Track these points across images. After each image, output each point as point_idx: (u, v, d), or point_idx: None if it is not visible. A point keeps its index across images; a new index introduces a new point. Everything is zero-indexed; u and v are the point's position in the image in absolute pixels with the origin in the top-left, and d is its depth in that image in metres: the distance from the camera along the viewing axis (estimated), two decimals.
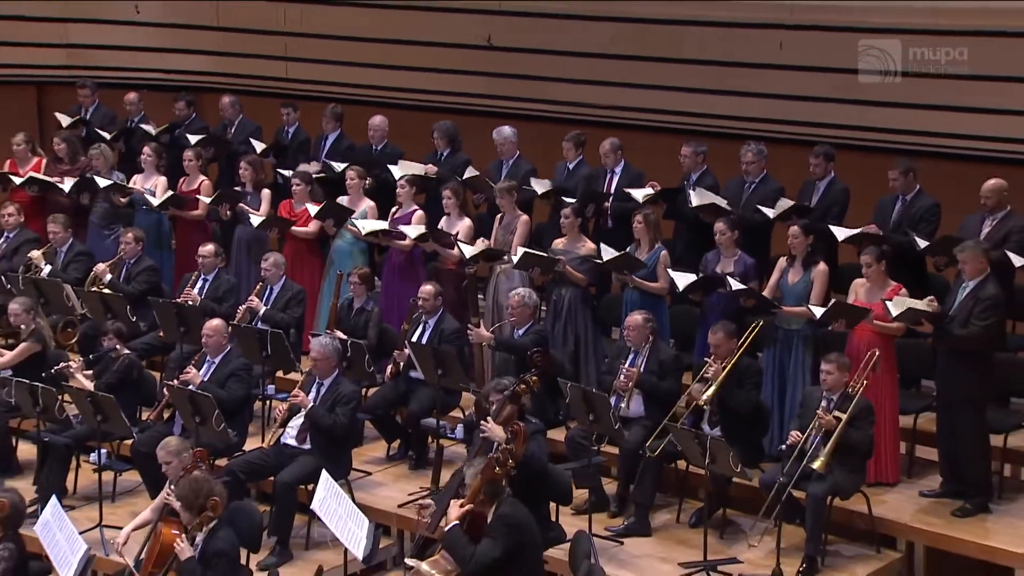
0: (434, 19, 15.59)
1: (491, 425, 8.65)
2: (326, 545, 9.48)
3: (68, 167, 13.89)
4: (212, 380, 10.36)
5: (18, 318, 11.32)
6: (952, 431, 9.69)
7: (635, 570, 9.27)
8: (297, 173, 12.74)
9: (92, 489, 10.44)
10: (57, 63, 17.18)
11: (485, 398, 9.21)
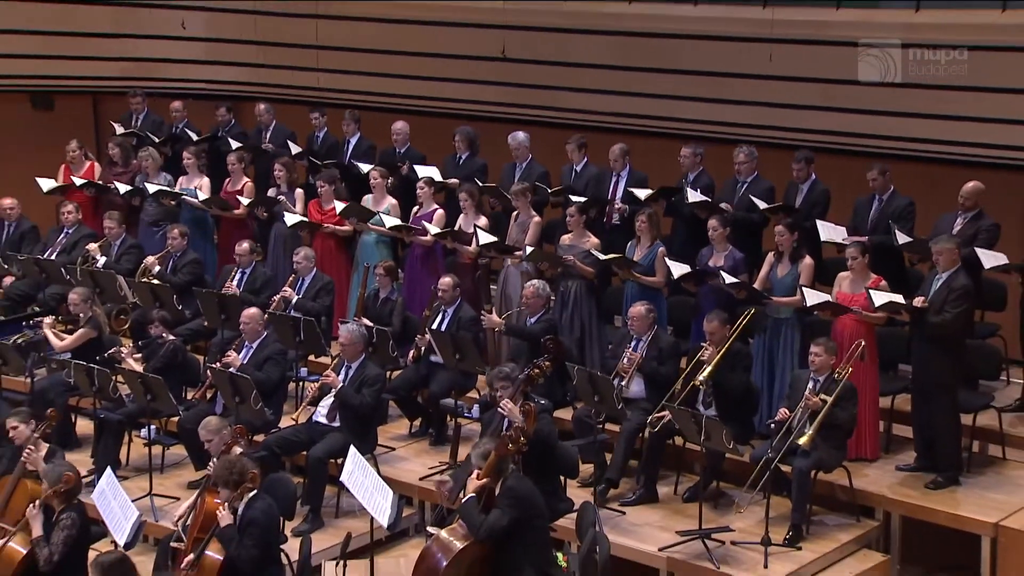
0: (453, 33, 15.58)
1: (509, 405, 8.63)
2: (354, 514, 9.49)
3: (122, 169, 13.93)
4: (250, 363, 10.41)
5: (77, 307, 11.40)
6: (926, 411, 9.73)
7: (636, 538, 9.28)
8: (321, 175, 12.73)
9: (143, 461, 10.48)
10: (111, 75, 17.16)
11: (489, 385, 9.21)
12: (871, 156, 12.09)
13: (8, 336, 11.86)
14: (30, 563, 8.12)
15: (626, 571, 9.08)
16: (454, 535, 7.27)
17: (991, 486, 9.72)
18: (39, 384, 11.13)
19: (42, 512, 8.19)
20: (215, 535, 8.03)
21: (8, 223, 13.62)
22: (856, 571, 9.19)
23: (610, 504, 9.62)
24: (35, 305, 12.59)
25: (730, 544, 9.11)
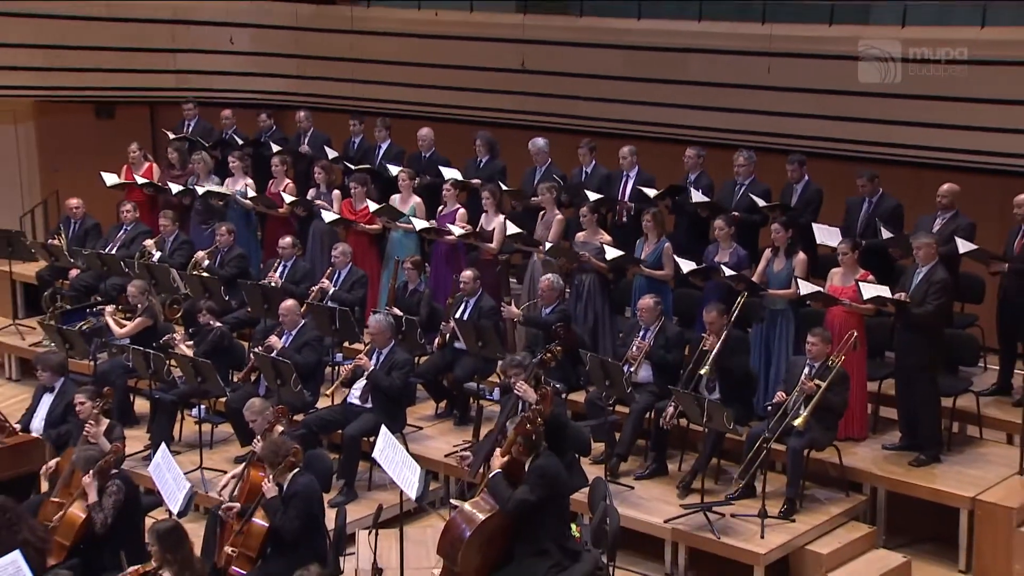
0: (476, 47, 15.59)
1: (525, 388, 8.61)
2: (385, 487, 9.47)
3: (179, 172, 13.95)
4: (290, 348, 10.42)
5: (135, 297, 11.45)
6: (910, 394, 9.69)
7: (643, 510, 9.26)
8: (353, 177, 12.71)
9: (193, 438, 10.51)
10: (166, 86, 17.25)
11: (503, 372, 9.19)
12: (862, 160, 12.09)
13: (74, 323, 11.91)
14: (89, 526, 8.15)
15: (634, 541, 9.08)
16: (477, 507, 7.24)
17: (969, 463, 9.68)
18: (101, 367, 11.18)
19: (96, 480, 8.21)
20: (261, 505, 8.04)
21: (74, 221, 13.66)
22: (845, 541, 9.15)
23: (620, 480, 9.59)
24: (98, 295, 12.62)
25: (730, 516, 9.08)
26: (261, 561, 8.02)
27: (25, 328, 13.42)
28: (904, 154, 12.66)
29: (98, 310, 12.06)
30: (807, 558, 9.01)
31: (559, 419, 8.13)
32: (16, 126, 17.52)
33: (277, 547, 7.98)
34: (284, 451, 8.09)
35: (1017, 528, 9.00)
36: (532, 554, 7.16)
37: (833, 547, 9.07)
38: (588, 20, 15.17)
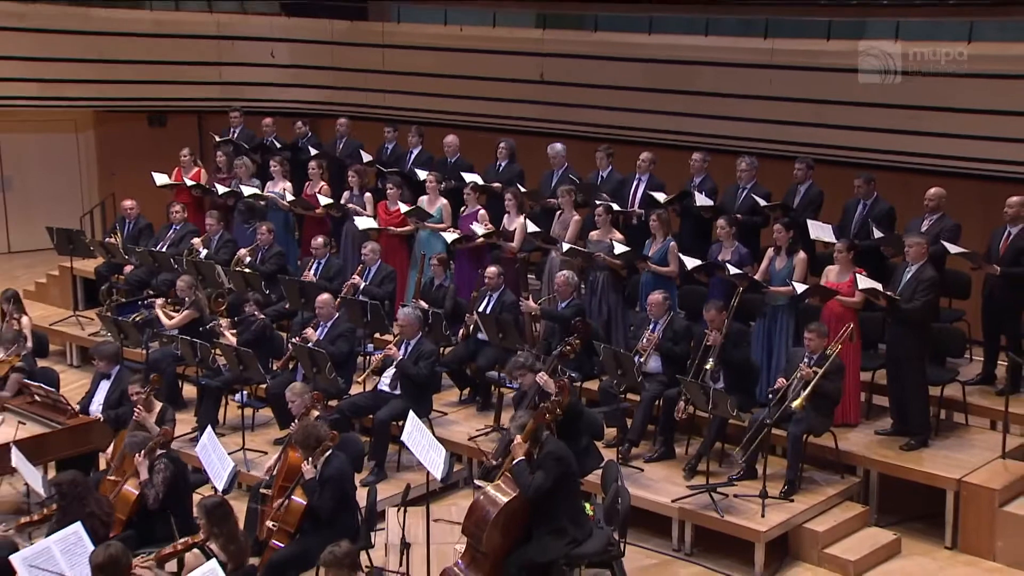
0: (498, 59, 15.62)
1: (546, 379, 8.56)
2: (412, 468, 9.43)
3: (225, 175, 13.97)
4: (325, 339, 10.40)
5: (183, 291, 11.48)
6: (900, 384, 9.65)
7: (652, 491, 9.23)
8: (390, 181, 12.68)
9: (237, 421, 10.51)
10: (212, 96, 17.33)
11: (508, 375, 9.16)
12: (856, 166, 12.04)
13: (128, 315, 11.93)
14: (142, 502, 8.20)
15: (644, 519, 9.05)
16: (499, 490, 7.21)
17: (955, 448, 9.62)
18: (153, 355, 11.23)
19: (147, 460, 8.24)
20: (300, 485, 8.04)
21: (128, 221, 13.68)
22: (840, 520, 9.12)
23: (631, 462, 9.55)
24: (149, 289, 12.65)
25: (733, 497, 9.04)
26: (299, 535, 8.01)
27: (84, 319, 13.49)
28: (895, 160, 12.65)
29: (150, 303, 12.07)
30: (804, 535, 8.99)
31: (575, 407, 8.11)
32: (77, 134, 17.69)
33: (313, 523, 7.98)
34: (316, 436, 8.07)
35: (999, 508, 8.97)
36: (549, 532, 7.14)
37: (829, 525, 9.04)
38: (602, 35, 15.19)
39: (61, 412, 9.65)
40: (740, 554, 8.85)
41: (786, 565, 8.93)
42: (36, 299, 14.35)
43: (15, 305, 11.63)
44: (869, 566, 8.90)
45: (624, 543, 7.77)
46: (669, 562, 9.02)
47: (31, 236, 16.28)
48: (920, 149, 12.56)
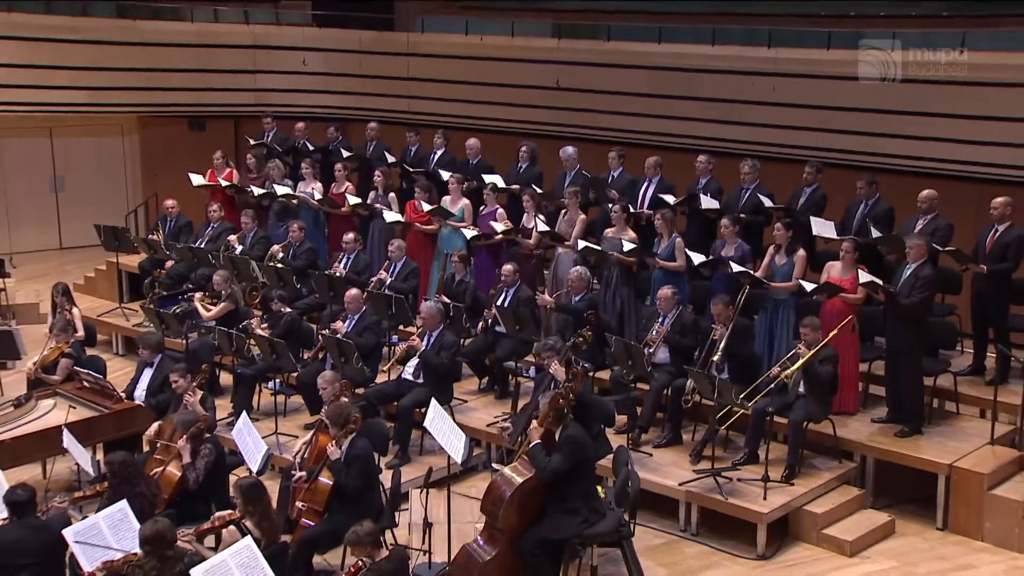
0: (516, 67, 15.65)
1: (557, 368, 8.55)
2: (434, 452, 9.41)
3: (255, 175, 13.98)
4: (352, 331, 10.39)
5: (220, 285, 11.52)
6: (896, 374, 9.62)
7: (660, 474, 9.21)
8: (419, 183, 12.65)
9: (269, 407, 10.55)
10: (248, 102, 17.40)
11: (536, 355, 9.15)
12: (855, 168, 11.97)
13: (169, 307, 11.96)
14: (184, 483, 8.24)
15: (652, 501, 9.03)
16: (516, 472, 7.22)
17: (947, 435, 9.59)
18: (192, 345, 11.21)
19: (189, 444, 8.28)
20: (327, 466, 8.04)
21: (170, 219, 13.71)
22: (837, 503, 9.10)
23: (640, 448, 9.54)
24: (189, 283, 12.66)
25: (737, 480, 9.02)
26: (327, 514, 8.01)
27: (129, 311, 13.52)
28: (892, 163, 12.59)
29: (189, 296, 12.11)
30: (804, 517, 8.98)
31: (587, 395, 8.10)
32: (123, 138, 17.80)
33: (341, 502, 7.97)
34: (346, 415, 8.09)
35: (988, 491, 8.97)
36: (563, 512, 7.14)
37: (827, 507, 9.03)
38: (615, 44, 15.18)
39: (108, 397, 9.70)
40: (743, 534, 8.83)
41: (786, 545, 8.91)
42: (85, 292, 14.42)
43: (66, 297, 11.73)
44: (865, 546, 8.89)
45: (634, 524, 7.75)
46: (676, 542, 9.00)
47: (81, 233, 16.36)
48: (916, 153, 12.51)
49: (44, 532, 7.14)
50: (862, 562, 8.72)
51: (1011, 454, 9.34)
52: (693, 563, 8.70)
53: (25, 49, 15.91)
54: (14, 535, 7.05)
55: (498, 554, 7.03)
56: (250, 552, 6.73)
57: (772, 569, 8.62)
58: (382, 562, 6.72)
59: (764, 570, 8.60)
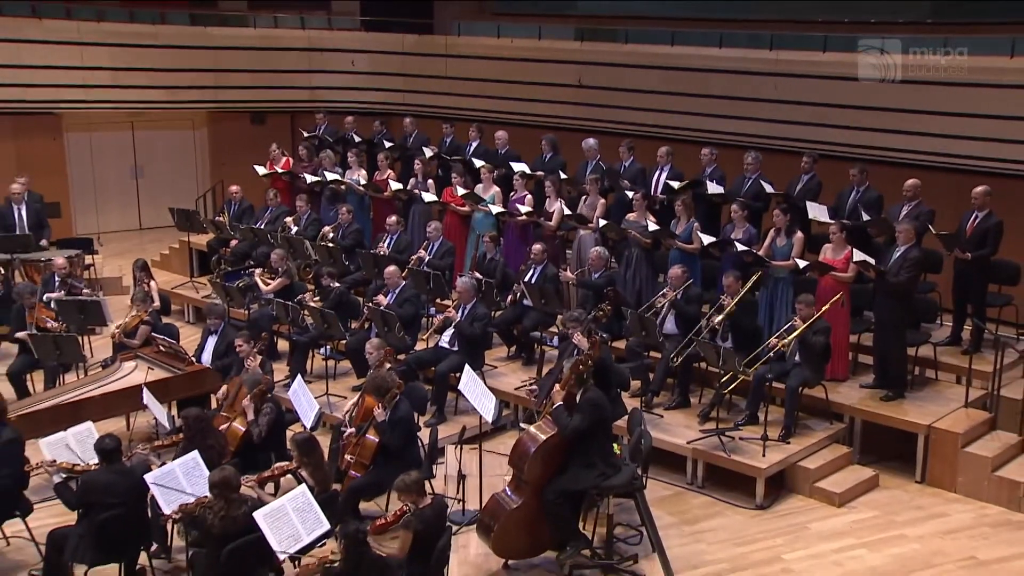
0: (543, 67, 15.58)
1: (580, 338, 8.52)
2: (468, 412, 9.39)
3: (308, 164, 13.94)
4: (394, 303, 10.39)
5: (277, 262, 11.53)
6: (883, 345, 9.56)
7: (670, 434, 9.18)
8: (455, 170, 12.60)
9: (321, 371, 10.59)
10: (303, 99, 17.40)
11: (562, 324, 9.11)
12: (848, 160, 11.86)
13: (233, 281, 11.96)
14: (248, 438, 8.31)
15: (663, 457, 9.01)
16: (540, 430, 7.18)
17: (926, 399, 9.53)
18: (253, 315, 11.27)
19: (253, 403, 8.33)
20: (373, 425, 8.06)
21: (234, 203, 13.72)
22: (828, 459, 9.08)
23: (652, 410, 9.50)
24: (250, 260, 12.68)
25: (738, 439, 8.98)
26: (372, 467, 8.03)
27: (198, 284, 13.61)
28: (879, 154, 12.48)
29: (250, 272, 12.15)
30: (798, 472, 8.95)
31: (605, 362, 8.06)
32: (194, 132, 17.86)
33: (385, 457, 7.99)
34: (387, 385, 8.08)
35: (961, 449, 8.97)
36: (582, 466, 7.10)
37: (819, 463, 9.01)
38: (632, 46, 15.08)
39: (181, 360, 9.77)
40: (744, 487, 8.80)
41: (782, 496, 8.89)
42: (161, 267, 14.50)
43: (144, 272, 11.80)
44: (852, 497, 8.88)
45: (646, 477, 7.71)
46: (683, 493, 8.98)
47: (158, 215, 16.44)
48: (902, 145, 12.39)
49: (129, 476, 7.23)
50: (849, 511, 8.70)
51: (983, 416, 9.32)
52: (698, 512, 8.69)
53: (112, 54, 16.07)
54: (104, 478, 7.15)
55: (524, 503, 7.01)
56: (305, 498, 6.80)
57: (769, 518, 8.59)
58: (424, 508, 6.75)
59: (762, 519, 8.58)
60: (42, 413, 8.86)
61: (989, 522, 8.52)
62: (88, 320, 10.61)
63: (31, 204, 13.38)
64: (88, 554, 7.06)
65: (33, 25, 15.65)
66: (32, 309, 10.55)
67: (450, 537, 6.87)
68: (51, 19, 15.78)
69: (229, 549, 6.65)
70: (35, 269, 12.71)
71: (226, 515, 6.71)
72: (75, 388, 9.45)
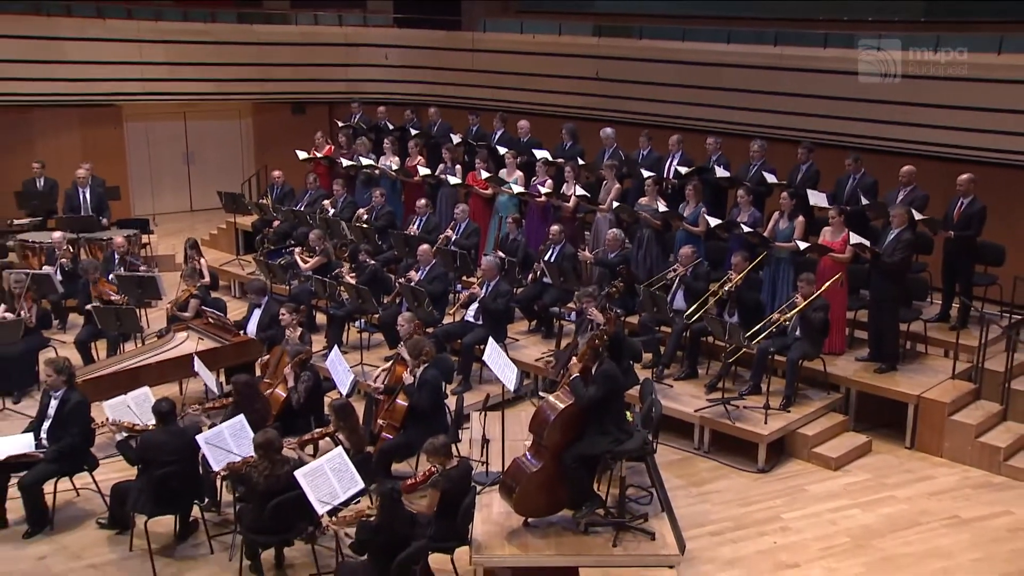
0: (563, 61, 15.46)
1: (595, 312, 8.47)
2: (491, 381, 9.36)
3: (345, 151, 13.90)
4: (424, 280, 10.35)
5: (315, 242, 11.51)
6: (877, 321, 9.49)
7: (679, 403, 9.14)
8: (479, 155, 12.52)
9: (356, 342, 10.57)
10: (340, 91, 17.36)
11: (578, 300, 9.05)
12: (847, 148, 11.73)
13: (275, 259, 11.97)
14: (288, 403, 8.30)
15: (672, 425, 8.99)
16: (558, 399, 7.13)
17: (917, 371, 9.47)
18: (293, 290, 11.24)
19: (294, 371, 8.33)
20: (403, 390, 8.05)
21: (276, 187, 13.70)
22: (825, 427, 9.03)
23: (663, 380, 9.45)
24: (291, 240, 12.67)
25: (743, 408, 8.93)
26: (403, 430, 8.04)
27: (244, 262, 13.59)
28: (874, 144, 12.35)
29: (291, 250, 12.13)
30: (797, 438, 8.90)
31: (619, 335, 8.00)
32: (240, 121, 17.88)
33: (414, 421, 8.00)
34: (422, 348, 8.08)
35: (948, 417, 8.94)
36: (597, 432, 7.05)
37: (816, 430, 8.96)
38: (646, 42, 14.98)
39: (228, 332, 9.79)
40: (747, 452, 8.76)
41: (782, 461, 8.85)
42: (210, 246, 14.52)
43: (195, 250, 11.81)
44: (847, 461, 8.84)
45: (656, 443, 7.68)
46: (691, 458, 8.95)
47: (207, 198, 16.50)
48: (895, 136, 12.28)
49: (182, 436, 7.29)
50: (844, 475, 8.66)
51: (968, 387, 9.27)
52: (705, 475, 8.66)
53: (168, 50, 16.13)
54: (160, 438, 7.22)
55: (543, 466, 6.98)
56: (341, 459, 6.82)
57: (770, 480, 8.55)
58: (451, 469, 6.74)
59: (763, 481, 8.54)
60: (105, 378, 8.92)
61: (971, 484, 8.51)
62: (145, 294, 10.68)
63: (94, 188, 13.54)
64: (147, 506, 7.16)
65: (97, 25, 15.79)
66: (96, 283, 10.65)
67: (475, 496, 6.86)
68: (114, 19, 15.92)
69: (273, 504, 6.69)
70: (98, 247, 12.80)
71: (270, 474, 6.75)
72: (134, 356, 9.50)
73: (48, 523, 7.64)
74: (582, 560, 6.79)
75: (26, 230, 13.27)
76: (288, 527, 6.87)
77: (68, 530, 7.63)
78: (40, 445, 7.70)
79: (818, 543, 7.59)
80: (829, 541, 7.61)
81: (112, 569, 7.17)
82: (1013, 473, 8.61)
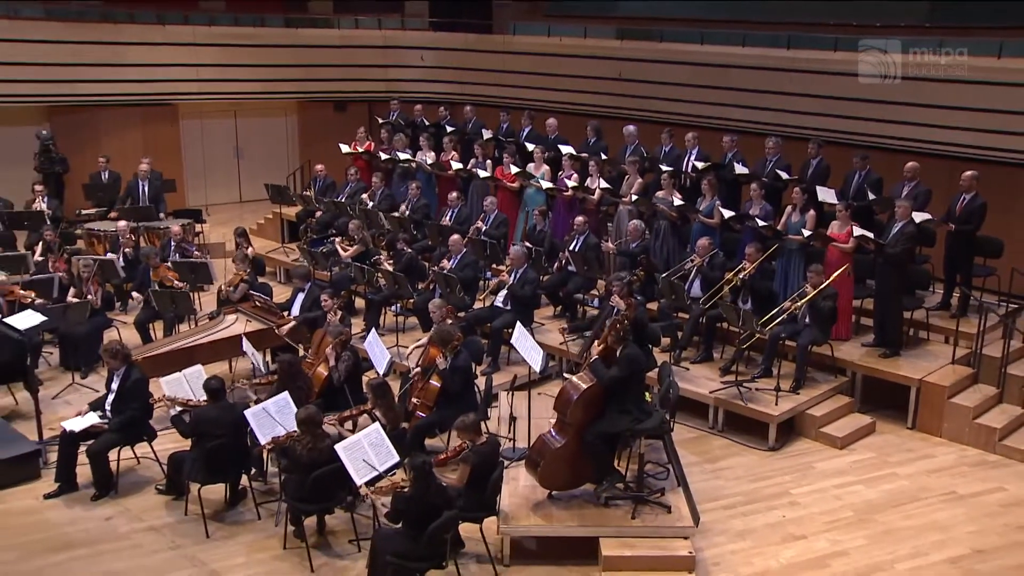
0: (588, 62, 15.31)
1: (618, 299, 8.42)
2: (519, 363, 9.32)
3: (386, 146, 13.87)
4: (456, 268, 10.32)
5: (354, 231, 11.53)
6: (882, 309, 9.37)
7: (695, 384, 9.08)
8: (507, 151, 12.46)
9: (392, 325, 10.56)
10: (379, 90, 17.32)
11: (608, 284, 9.00)
12: (854, 146, 11.56)
13: (318, 247, 11.99)
14: (329, 381, 8.29)
15: (688, 405, 8.92)
16: (582, 379, 7.10)
17: (919, 357, 9.37)
18: (335, 276, 11.23)
19: (335, 351, 8.32)
20: (436, 372, 8.04)
21: (319, 180, 13.70)
22: (832, 408, 8.95)
23: (680, 363, 9.40)
24: (332, 230, 12.68)
25: (755, 390, 8.87)
26: (436, 409, 8.04)
27: (288, 249, 13.64)
28: (881, 142, 12.16)
29: (332, 239, 12.14)
30: (806, 419, 8.83)
31: (640, 321, 7.95)
32: (286, 118, 17.90)
33: (446, 400, 7.99)
34: (449, 336, 8.05)
35: (948, 400, 8.86)
36: (618, 412, 7.02)
37: (824, 411, 8.88)
38: (666, 44, 14.82)
39: (274, 314, 9.83)
40: (758, 432, 8.70)
41: (791, 440, 8.78)
42: (257, 235, 14.57)
43: (243, 238, 11.84)
44: (852, 440, 8.77)
45: (673, 422, 7.62)
46: (706, 436, 8.90)
47: (255, 190, 16.57)
48: (901, 134, 12.08)
49: (232, 411, 7.35)
50: (849, 453, 8.59)
51: (967, 371, 9.17)
52: (718, 452, 8.60)
53: (219, 53, 16.20)
54: (212, 413, 7.29)
55: (567, 443, 6.97)
56: (378, 434, 6.83)
57: (779, 458, 8.49)
58: (481, 445, 6.73)
59: (773, 458, 8.48)
60: (162, 356, 9.00)
61: (968, 462, 8.46)
62: (198, 279, 10.77)
63: (152, 181, 13.69)
64: (200, 475, 7.25)
65: (157, 31, 15.92)
66: (155, 269, 10.73)
67: (502, 471, 6.85)
68: (172, 24, 16.05)
69: (315, 476, 6.73)
70: (155, 235, 12.90)
71: (312, 447, 6.78)
72: (188, 336, 9.57)
73: (113, 488, 7.77)
74: (603, 531, 6.80)
75: (92, 219, 13.44)
76: (329, 496, 6.90)
77: (130, 494, 7.77)
78: (104, 417, 7.81)
79: (824, 516, 7.55)
80: (834, 515, 7.57)
81: (169, 531, 7.29)
82: (1007, 452, 8.57)
